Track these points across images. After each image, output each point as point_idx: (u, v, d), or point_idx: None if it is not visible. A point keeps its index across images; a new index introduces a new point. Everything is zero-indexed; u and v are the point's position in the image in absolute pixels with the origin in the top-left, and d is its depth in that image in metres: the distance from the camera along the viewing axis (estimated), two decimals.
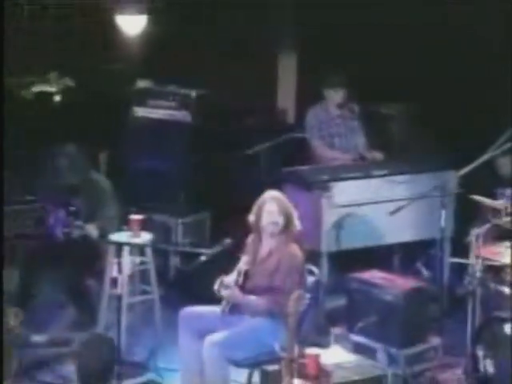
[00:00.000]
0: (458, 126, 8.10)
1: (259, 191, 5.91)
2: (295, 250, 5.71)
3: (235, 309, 5.71)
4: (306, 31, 8.44)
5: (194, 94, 8.19)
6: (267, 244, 5.79)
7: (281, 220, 5.72)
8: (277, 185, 6.55)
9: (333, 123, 7.65)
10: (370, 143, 7.72)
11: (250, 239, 5.88)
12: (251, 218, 5.81)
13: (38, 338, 6.30)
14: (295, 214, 5.79)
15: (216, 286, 5.66)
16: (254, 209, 5.79)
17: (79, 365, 4.22)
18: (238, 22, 8.35)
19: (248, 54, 8.61)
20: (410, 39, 8.13)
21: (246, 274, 5.75)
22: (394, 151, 7.96)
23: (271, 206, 5.73)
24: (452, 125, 8.13)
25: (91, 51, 8.29)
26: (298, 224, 5.78)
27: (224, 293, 5.66)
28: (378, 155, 7.63)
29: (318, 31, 8.29)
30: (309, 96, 7.96)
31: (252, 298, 5.67)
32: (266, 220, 5.74)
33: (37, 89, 8.15)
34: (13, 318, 3.83)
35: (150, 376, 6.12)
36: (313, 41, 8.37)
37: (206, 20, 8.14)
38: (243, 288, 5.71)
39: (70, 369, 5.86)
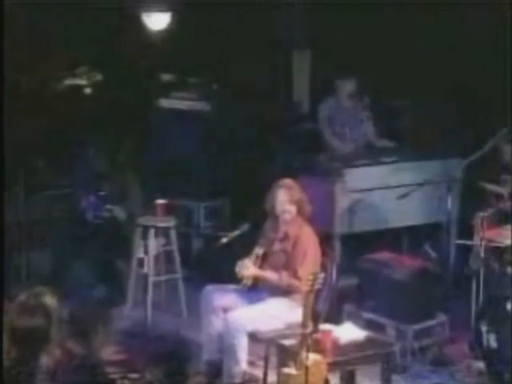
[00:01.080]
0: (463, 116, 8.11)
1: (276, 178, 5.94)
2: (309, 232, 5.75)
3: (254, 287, 5.78)
4: (318, 28, 8.43)
5: (214, 86, 8.25)
6: (283, 228, 5.83)
7: (292, 208, 5.74)
8: (293, 172, 6.60)
9: (343, 114, 7.65)
10: (379, 132, 7.75)
11: (268, 223, 5.93)
12: (266, 205, 5.84)
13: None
14: (306, 200, 5.80)
15: (237, 269, 5.72)
16: (268, 197, 5.82)
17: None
18: (256, 20, 8.37)
19: (266, 49, 8.64)
20: (420, 33, 8.10)
21: (264, 256, 5.81)
22: (404, 140, 7.98)
23: (282, 196, 5.75)
24: (458, 116, 8.15)
25: (119, 47, 8.34)
26: (309, 208, 5.81)
27: (244, 273, 5.73)
28: (386, 142, 7.68)
29: (330, 26, 8.27)
30: (322, 89, 8.00)
31: (269, 275, 5.73)
32: (279, 208, 5.77)
33: (68, 82, 8.21)
34: (50, 298, 3.90)
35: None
36: (325, 36, 8.35)
37: (226, 18, 8.16)
38: (261, 269, 5.77)
39: None
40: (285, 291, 5.66)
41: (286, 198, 5.74)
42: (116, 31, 8.18)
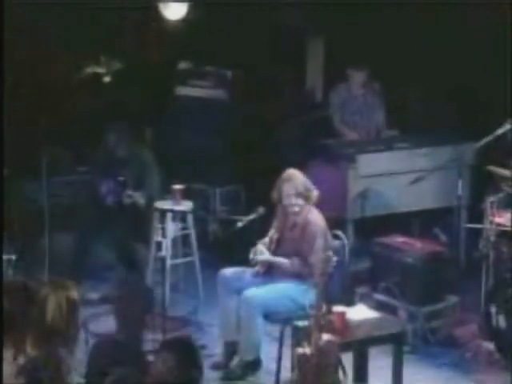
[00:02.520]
0: (474, 103, 8.07)
1: (289, 164, 5.92)
2: (317, 217, 5.71)
3: (268, 272, 5.77)
4: (331, 18, 8.39)
5: (229, 74, 8.23)
6: (292, 217, 5.77)
7: (298, 201, 5.68)
8: (306, 157, 6.58)
9: (354, 102, 7.63)
10: (391, 119, 7.72)
11: (279, 210, 5.89)
12: (273, 196, 5.78)
13: (92, 296, 6.42)
14: (312, 188, 5.73)
15: (251, 255, 5.70)
16: (274, 190, 5.75)
17: (117, 308, 4.27)
18: (271, 10, 8.34)
19: (280, 38, 8.61)
20: (430, 22, 8.04)
21: (278, 241, 5.80)
22: (415, 126, 7.94)
23: (288, 189, 5.67)
24: (469, 102, 8.10)
25: (138, 36, 8.35)
26: (316, 194, 5.74)
27: (258, 258, 5.71)
28: (391, 133, 7.65)
29: (342, 17, 8.23)
30: (334, 77, 7.96)
31: (281, 261, 5.72)
32: (285, 202, 5.71)
33: (90, 70, 8.21)
34: (75, 292, 3.93)
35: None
36: (338, 26, 8.31)
37: (241, 8, 8.13)
38: (275, 253, 5.77)
39: None
40: (297, 275, 5.65)
41: (291, 192, 5.67)
42: (135, 22, 8.20)
